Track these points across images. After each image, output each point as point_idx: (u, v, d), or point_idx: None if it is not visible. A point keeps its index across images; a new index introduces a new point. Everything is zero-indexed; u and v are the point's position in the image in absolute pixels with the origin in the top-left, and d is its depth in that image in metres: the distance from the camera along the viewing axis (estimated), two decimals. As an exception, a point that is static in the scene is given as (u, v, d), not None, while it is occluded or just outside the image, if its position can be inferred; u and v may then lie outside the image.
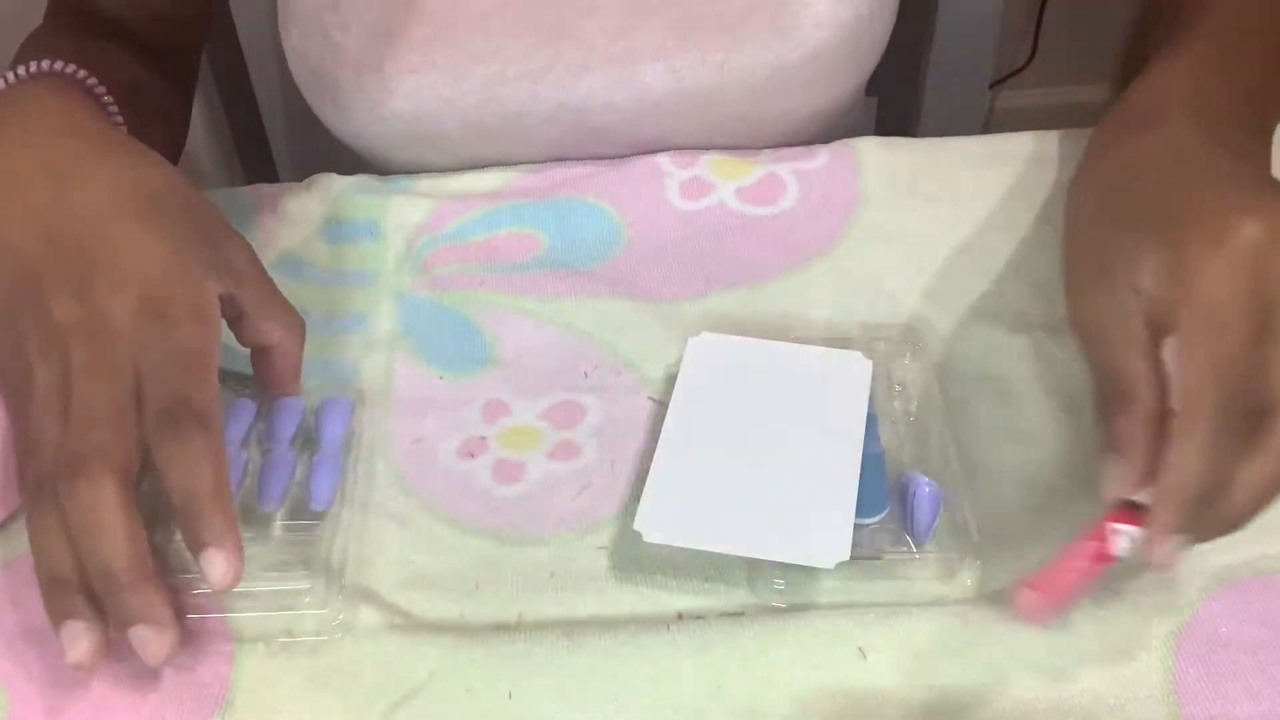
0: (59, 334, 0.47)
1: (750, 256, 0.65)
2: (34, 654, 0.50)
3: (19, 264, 0.49)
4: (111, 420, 0.46)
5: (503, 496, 0.55)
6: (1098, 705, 0.46)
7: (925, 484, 0.51)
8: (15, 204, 0.50)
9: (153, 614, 0.45)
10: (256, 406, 0.57)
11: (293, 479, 0.54)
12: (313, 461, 0.55)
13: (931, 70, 1.05)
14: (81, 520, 0.45)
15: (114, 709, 0.48)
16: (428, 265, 0.66)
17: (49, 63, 0.57)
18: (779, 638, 0.49)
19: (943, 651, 0.48)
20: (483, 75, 0.69)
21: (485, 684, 0.48)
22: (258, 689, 0.49)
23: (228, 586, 0.45)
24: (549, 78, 0.69)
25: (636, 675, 0.48)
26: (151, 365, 0.47)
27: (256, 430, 0.56)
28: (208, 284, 0.50)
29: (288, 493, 0.54)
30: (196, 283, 0.49)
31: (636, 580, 0.52)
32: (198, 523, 0.45)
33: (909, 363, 0.59)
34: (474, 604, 0.51)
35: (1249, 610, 0.49)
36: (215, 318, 0.50)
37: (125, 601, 0.45)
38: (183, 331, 0.48)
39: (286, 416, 0.56)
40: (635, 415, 0.58)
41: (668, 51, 0.69)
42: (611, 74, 0.69)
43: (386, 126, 0.70)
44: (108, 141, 0.54)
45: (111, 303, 0.47)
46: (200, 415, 0.46)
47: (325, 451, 0.55)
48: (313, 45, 0.70)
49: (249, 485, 0.54)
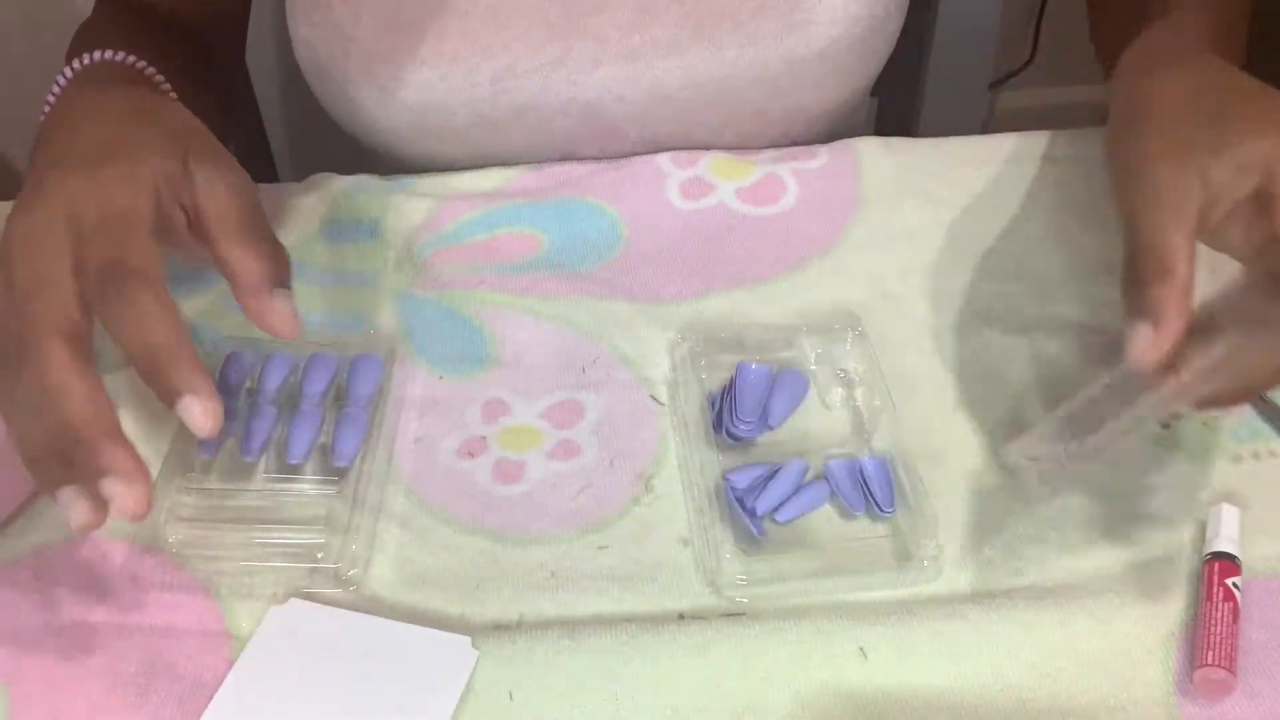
0: (10, 227, 0.48)
1: (750, 256, 0.65)
2: (34, 654, 0.50)
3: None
4: (48, 289, 0.46)
5: (503, 496, 0.55)
6: (1098, 705, 0.46)
7: (870, 461, 0.54)
8: (42, 154, 0.52)
9: (119, 465, 0.44)
10: (290, 363, 0.58)
11: (319, 434, 0.56)
12: (340, 416, 0.56)
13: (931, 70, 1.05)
14: (35, 388, 0.44)
15: (114, 709, 0.48)
16: (428, 265, 0.66)
17: (103, 53, 0.60)
18: (779, 638, 0.49)
19: (943, 651, 0.48)
20: (494, 68, 0.69)
21: (485, 684, 0.48)
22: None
23: (210, 430, 0.44)
24: (560, 71, 0.69)
25: (636, 675, 0.48)
26: (86, 232, 0.47)
27: (289, 385, 0.58)
28: (149, 159, 0.49)
29: (313, 448, 0.55)
30: (138, 156, 0.49)
31: (636, 580, 0.52)
32: (165, 374, 0.44)
33: (849, 349, 0.59)
34: (474, 604, 0.51)
35: (1249, 611, 0.49)
36: (148, 183, 0.49)
37: (90, 458, 0.44)
38: (107, 191, 0.48)
39: (319, 372, 0.57)
40: (635, 414, 0.58)
41: (680, 46, 0.69)
42: (623, 68, 0.69)
43: (396, 118, 0.70)
44: (141, 96, 0.56)
45: (48, 176, 0.48)
46: (140, 271, 0.46)
47: (352, 408, 0.56)
48: (321, 35, 0.70)
49: (279, 438, 0.56)
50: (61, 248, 0.46)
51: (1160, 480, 0.52)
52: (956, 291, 0.63)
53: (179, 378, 0.44)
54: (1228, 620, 0.47)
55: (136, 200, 0.48)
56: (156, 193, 0.49)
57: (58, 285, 0.46)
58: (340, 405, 0.57)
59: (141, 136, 0.51)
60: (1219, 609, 0.48)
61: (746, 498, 0.52)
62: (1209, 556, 0.50)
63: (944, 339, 0.60)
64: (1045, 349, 0.60)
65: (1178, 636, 0.48)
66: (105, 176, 0.48)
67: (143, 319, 0.45)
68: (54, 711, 0.48)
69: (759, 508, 0.52)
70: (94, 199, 0.47)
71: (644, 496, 0.55)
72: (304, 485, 0.54)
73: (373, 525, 0.54)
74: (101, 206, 0.47)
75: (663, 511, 0.54)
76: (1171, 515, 0.52)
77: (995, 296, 0.62)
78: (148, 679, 0.49)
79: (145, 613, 0.51)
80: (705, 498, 0.53)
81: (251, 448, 0.55)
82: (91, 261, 0.46)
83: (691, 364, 0.59)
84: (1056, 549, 0.51)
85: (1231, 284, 0.48)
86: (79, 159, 0.49)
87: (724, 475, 0.53)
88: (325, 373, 0.58)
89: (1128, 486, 0.53)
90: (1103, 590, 0.50)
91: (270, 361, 0.58)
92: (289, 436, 0.55)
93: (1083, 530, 0.52)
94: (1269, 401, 0.56)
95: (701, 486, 0.54)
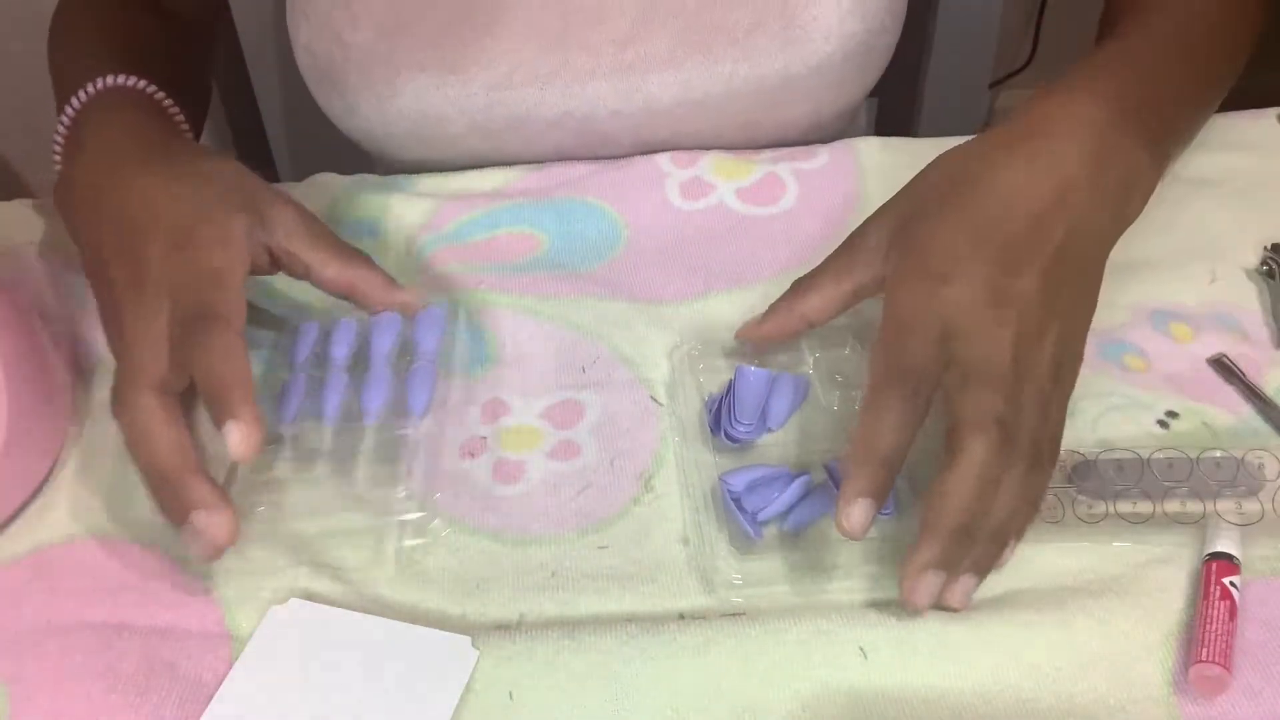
0: (116, 296, 0.54)
1: (750, 256, 0.65)
2: (34, 654, 0.50)
3: (98, 258, 0.56)
4: (144, 344, 0.52)
5: (503, 496, 0.55)
6: (1098, 705, 0.46)
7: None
8: (94, 214, 0.58)
9: (202, 498, 0.49)
10: (357, 325, 0.60)
11: (391, 391, 0.57)
12: (410, 371, 0.58)
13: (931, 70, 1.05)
14: (130, 433, 0.51)
15: (114, 709, 0.48)
16: (428, 265, 0.66)
17: (115, 78, 0.63)
18: (779, 638, 0.49)
19: (943, 651, 0.48)
20: (489, 77, 0.69)
21: (485, 683, 0.48)
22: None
23: (244, 455, 0.48)
24: (556, 83, 0.69)
25: (636, 675, 0.48)
26: (179, 289, 0.53)
27: (358, 349, 0.60)
28: (231, 219, 0.55)
29: (385, 405, 0.57)
30: (219, 219, 0.55)
31: (636, 580, 0.52)
32: (219, 403, 0.49)
33: (848, 353, 0.59)
34: (475, 604, 0.51)
35: (1249, 611, 0.49)
36: (239, 243, 0.55)
37: (177, 495, 0.49)
38: (205, 254, 0.54)
39: (384, 332, 0.59)
40: (635, 414, 0.58)
41: (676, 61, 0.69)
42: (619, 82, 0.69)
43: (392, 124, 0.71)
44: (165, 145, 0.60)
45: (147, 253, 0.54)
46: (217, 317, 0.51)
47: (421, 361, 0.58)
48: (322, 42, 0.71)
49: (350, 401, 0.57)
50: (161, 311, 0.52)
51: (1160, 480, 0.52)
52: (956, 291, 0.63)
53: (229, 407, 0.49)
54: (1224, 618, 0.47)
55: (231, 261, 0.54)
56: (246, 250, 0.55)
57: (154, 342, 0.52)
58: (409, 361, 0.58)
59: (218, 201, 0.56)
60: (1216, 607, 0.48)
61: (743, 499, 0.52)
62: (1208, 556, 0.50)
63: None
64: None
65: (1177, 636, 0.48)
66: (200, 244, 0.54)
67: (213, 356, 0.50)
68: (54, 711, 0.48)
69: (763, 518, 0.52)
70: (192, 270, 0.53)
71: (644, 496, 0.55)
72: (373, 442, 0.56)
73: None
74: (198, 271, 0.53)
75: (663, 511, 0.54)
76: (1169, 515, 0.52)
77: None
78: (147, 679, 0.49)
79: (145, 612, 0.51)
80: (702, 499, 0.53)
81: (327, 411, 0.57)
82: (180, 313, 0.52)
83: (690, 366, 0.59)
84: (1056, 549, 0.51)
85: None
86: (169, 237, 0.54)
87: (720, 478, 0.53)
88: (391, 331, 0.59)
89: (1127, 486, 0.52)
90: (1103, 590, 0.50)
91: (337, 325, 0.60)
92: (362, 397, 0.57)
93: (1083, 530, 0.52)
94: (1269, 401, 0.56)
95: (699, 488, 0.54)
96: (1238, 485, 0.52)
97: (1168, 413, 0.57)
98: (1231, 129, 0.71)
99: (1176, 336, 0.60)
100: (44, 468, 0.56)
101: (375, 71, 0.69)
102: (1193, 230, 0.65)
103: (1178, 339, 0.60)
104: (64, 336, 0.63)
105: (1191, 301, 0.62)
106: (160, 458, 0.50)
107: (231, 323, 0.52)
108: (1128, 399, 0.57)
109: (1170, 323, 0.61)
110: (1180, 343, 0.60)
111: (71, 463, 0.57)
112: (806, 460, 0.55)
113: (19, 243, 0.69)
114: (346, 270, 0.58)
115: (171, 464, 0.50)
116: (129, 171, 0.58)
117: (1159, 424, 0.56)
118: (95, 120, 0.62)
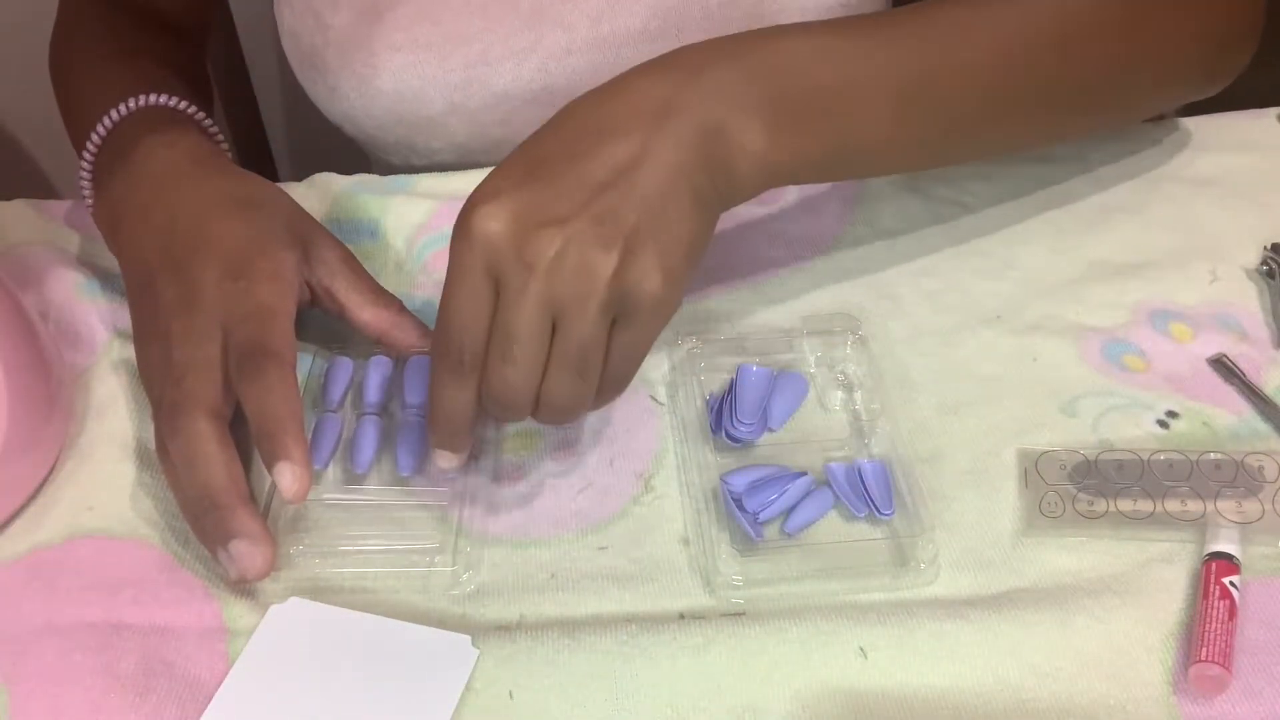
0: (163, 313, 0.55)
1: (750, 256, 0.65)
2: (34, 654, 0.50)
3: (144, 271, 0.57)
4: (199, 370, 0.52)
5: (504, 498, 0.55)
6: (1097, 705, 0.46)
7: (868, 464, 0.54)
8: (141, 228, 0.59)
9: (247, 529, 0.50)
10: (391, 364, 0.59)
11: (424, 446, 0.56)
12: None
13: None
14: (181, 455, 0.51)
15: (113, 709, 0.48)
16: (428, 265, 0.66)
17: (150, 97, 0.64)
18: (779, 638, 0.49)
19: (943, 651, 0.48)
20: (466, 55, 0.70)
21: (485, 683, 0.48)
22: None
23: (296, 496, 0.49)
24: (532, 60, 0.70)
25: (636, 675, 0.48)
26: (233, 320, 0.53)
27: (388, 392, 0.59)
28: (284, 254, 0.56)
29: (421, 460, 0.56)
30: (273, 253, 0.56)
31: (636, 580, 0.52)
32: (271, 442, 0.50)
33: (849, 352, 0.59)
34: (474, 604, 0.51)
35: (1249, 611, 0.49)
36: (291, 280, 0.56)
37: (221, 520, 0.50)
38: (259, 288, 0.54)
39: (415, 376, 0.58)
40: (635, 414, 0.58)
41: (649, 35, 0.69)
42: (594, 57, 0.70)
43: (373, 105, 0.71)
44: (209, 164, 0.62)
45: (201, 277, 0.55)
46: (274, 354, 0.52)
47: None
48: (304, 25, 0.72)
49: (382, 450, 0.56)
50: (214, 337, 0.53)
51: (1160, 480, 0.52)
52: (956, 292, 0.63)
53: (281, 448, 0.49)
54: (1223, 618, 0.47)
55: (283, 297, 0.55)
56: (297, 287, 0.56)
57: (208, 368, 0.52)
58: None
59: (273, 234, 0.57)
60: (1215, 606, 0.48)
61: (744, 500, 0.52)
62: (1208, 556, 0.50)
63: (944, 339, 0.60)
64: (1045, 349, 0.60)
65: (1177, 636, 0.48)
66: (255, 277, 0.54)
67: (268, 392, 0.51)
68: (54, 711, 0.48)
69: (763, 518, 0.52)
70: (248, 303, 0.54)
71: (644, 496, 0.55)
72: (411, 494, 0.55)
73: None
74: (251, 303, 0.54)
75: (663, 511, 0.54)
76: (1170, 514, 0.52)
77: (995, 297, 0.62)
78: (147, 678, 0.49)
79: (144, 612, 0.51)
80: (703, 499, 0.53)
81: (361, 461, 0.56)
82: (236, 346, 0.52)
83: (690, 365, 0.59)
84: (1056, 548, 0.51)
85: None
86: (224, 264, 0.55)
87: (721, 478, 0.53)
88: (423, 376, 0.57)
89: (1127, 485, 0.52)
90: (1103, 590, 0.50)
91: (371, 363, 0.59)
92: (397, 449, 0.56)
93: (1082, 527, 0.52)
94: (1269, 401, 0.56)
95: (699, 488, 0.54)
96: (1237, 486, 0.52)
97: (1168, 413, 0.57)
98: (1231, 129, 0.71)
99: (1176, 336, 0.60)
100: (43, 468, 0.56)
101: (354, 52, 0.70)
102: (1193, 230, 0.65)
103: (1178, 339, 0.60)
104: (64, 337, 0.63)
105: (1191, 301, 0.62)
106: (214, 483, 0.50)
107: (285, 359, 0.52)
108: (1128, 399, 0.57)
109: (1170, 323, 0.61)
110: (1180, 343, 0.60)
111: (71, 463, 0.57)
112: (806, 460, 0.55)
113: (19, 243, 0.69)
114: (382, 314, 0.59)
115: (223, 490, 0.50)
116: (180, 189, 0.59)
117: (1159, 424, 0.56)
118: (137, 139, 0.62)
